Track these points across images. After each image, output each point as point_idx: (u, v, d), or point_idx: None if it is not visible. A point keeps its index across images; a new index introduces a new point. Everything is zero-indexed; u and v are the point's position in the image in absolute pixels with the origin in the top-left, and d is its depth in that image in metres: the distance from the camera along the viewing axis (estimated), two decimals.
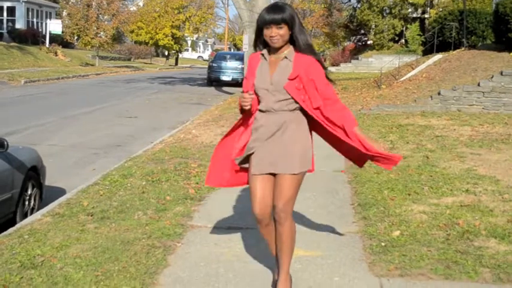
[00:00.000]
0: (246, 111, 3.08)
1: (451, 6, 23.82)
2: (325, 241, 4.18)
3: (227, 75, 24.21)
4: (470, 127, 10.00)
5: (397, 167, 6.66)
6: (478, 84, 12.54)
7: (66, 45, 36.01)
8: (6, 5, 34.96)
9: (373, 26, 30.61)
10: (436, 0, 29.39)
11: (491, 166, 6.81)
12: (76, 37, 36.39)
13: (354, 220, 4.75)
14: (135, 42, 45.94)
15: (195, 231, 4.43)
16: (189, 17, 44.53)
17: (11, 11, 35.09)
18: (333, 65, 30.41)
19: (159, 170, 6.43)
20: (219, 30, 71.52)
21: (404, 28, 30.28)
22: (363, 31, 33.38)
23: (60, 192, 6.08)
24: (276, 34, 2.97)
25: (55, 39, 34.22)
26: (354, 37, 34.94)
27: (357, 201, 5.29)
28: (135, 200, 5.21)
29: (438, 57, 17.45)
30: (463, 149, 7.93)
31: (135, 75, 30.75)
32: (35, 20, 36.41)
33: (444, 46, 18.87)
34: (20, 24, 34.72)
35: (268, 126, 3.04)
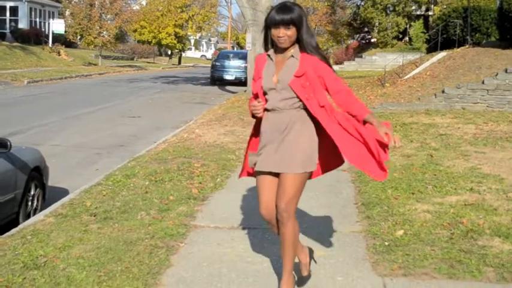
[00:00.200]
0: (258, 117, 3.12)
1: (455, 3, 23.76)
2: (328, 240, 4.17)
3: (230, 74, 24.16)
4: (475, 125, 9.96)
5: (401, 166, 6.67)
6: (483, 82, 12.49)
7: (69, 44, 36.07)
8: (9, 4, 35.03)
9: (377, 23, 30.58)
10: None
11: (496, 164, 6.78)
12: (79, 37, 36.46)
13: (358, 219, 4.74)
14: (138, 41, 45.95)
15: (198, 231, 4.43)
16: (192, 15, 44.50)
17: (14, 10, 35.16)
18: (336, 63, 30.38)
19: (162, 169, 6.43)
20: (222, 29, 71.48)
21: (408, 26, 30.23)
22: (366, 29, 33.37)
23: (63, 192, 6.08)
24: (283, 35, 2.96)
25: (58, 39, 34.28)
26: (358, 35, 34.93)
27: (361, 201, 5.27)
28: (138, 200, 5.21)
29: (442, 54, 17.40)
30: (467, 148, 7.90)
31: (138, 74, 30.78)
32: (37, 19, 36.48)
33: (448, 44, 18.82)
34: (22, 24, 34.79)
35: (274, 125, 3.05)
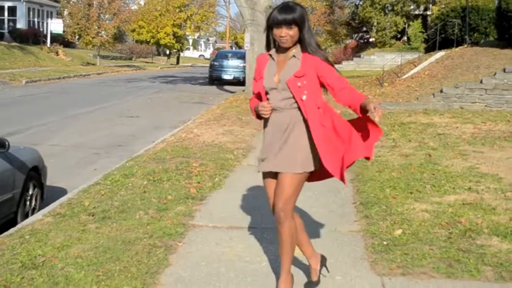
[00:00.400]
0: (264, 118, 3.12)
1: (454, 2, 23.75)
2: (326, 240, 4.17)
3: (229, 73, 24.14)
4: (473, 125, 9.98)
5: (399, 165, 6.67)
6: (481, 82, 12.50)
7: (67, 44, 36.01)
8: (7, 4, 34.98)
9: (375, 23, 30.58)
10: None
11: (494, 164, 6.78)
12: (77, 36, 36.40)
13: (356, 219, 4.74)
14: (137, 41, 45.94)
15: (197, 230, 4.42)
16: (191, 15, 44.48)
17: (12, 10, 35.11)
18: (334, 63, 29.50)
19: (160, 169, 6.42)
20: (221, 29, 71.54)
21: (406, 25, 30.23)
22: (365, 28, 33.37)
23: (61, 192, 6.07)
24: (286, 34, 2.97)
25: (56, 39, 34.22)
26: (356, 35, 34.94)
27: (359, 200, 5.28)
28: (136, 199, 5.20)
29: (440, 54, 17.41)
30: (466, 147, 7.91)
31: (137, 74, 30.75)
32: (36, 19, 36.43)
33: (447, 43, 18.82)
34: (21, 24, 34.74)
35: (276, 125, 3.05)
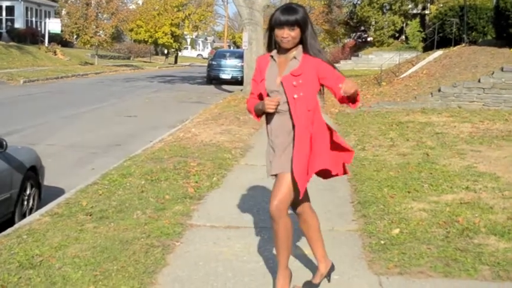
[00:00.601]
0: (260, 115, 3.13)
1: (452, 1, 23.75)
2: (324, 239, 4.14)
3: (227, 73, 24.13)
4: (471, 124, 9.98)
5: (397, 165, 6.68)
6: (479, 81, 12.51)
7: (65, 44, 35.95)
8: (5, 4, 34.90)
9: (373, 22, 30.58)
10: None
11: (492, 163, 6.79)
12: (75, 36, 36.35)
13: (354, 218, 4.75)
14: (135, 40, 45.83)
15: (194, 230, 4.42)
16: (189, 15, 44.42)
17: (10, 10, 35.03)
18: (333, 62, 30.35)
19: (158, 169, 6.42)
20: (219, 28, 71.35)
21: (404, 24, 30.24)
22: (363, 28, 33.37)
23: (59, 192, 6.07)
24: (287, 35, 2.96)
25: (54, 39, 34.19)
26: (354, 34, 34.94)
27: (357, 199, 5.28)
28: (134, 199, 5.20)
29: (438, 53, 17.41)
30: (463, 146, 7.91)
31: (135, 74, 30.73)
32: (34, 19, 36.36)
33: (445, 42, 18.82)
34: (19, 24, 34.66)
35: (279, 128, 3.05)
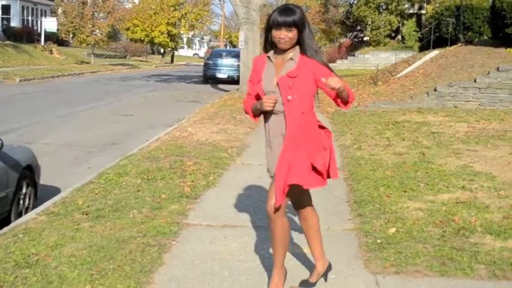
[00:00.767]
0: (257, 115, 3.13)
1: (448, 1, 23.82)
2: None
3: (223, 72, 24.10)
4: (467, 123, 10.00)
5: (393, 164, 6.69)
6: (475, 81, 12.54)
7: (61, 43, 35.87)
8: (1, 3, 34.80)
9: (370, 22, 30.65)
10: None
11: (488, 162, 6.81)
12: (71, 35, 36.28)
13: (350, 217, 4.75)
14: (131, 39, 45.72)
15: (191, 229, 4.42)
16: (185, 14, 44.33)
17: (6, 9, 34.93)
18: (329, 61, 30.37)
19: (154, 168, 6.41)
20: (215, 28, 71.24)
21: (400, 24, 30.31)
22: (359, 27, 33.45)
23: (55, 191, 6.06)
24: (285, 36, 2.96)
25: (50, 37, 34.09)
26: (350, 33, 35.03)
27: (353, 199, 5.28)
28: (130, 198, 5.19)
29: (435, 53, 17.45)
30: (459, 146, 7.93)
31: (131, 73, 30.67)
32: (30, 18, 36.26)
33: (441, 42, 18.86)
34: (15, 23, 34.57)
35: (276, 129, 3.05)
